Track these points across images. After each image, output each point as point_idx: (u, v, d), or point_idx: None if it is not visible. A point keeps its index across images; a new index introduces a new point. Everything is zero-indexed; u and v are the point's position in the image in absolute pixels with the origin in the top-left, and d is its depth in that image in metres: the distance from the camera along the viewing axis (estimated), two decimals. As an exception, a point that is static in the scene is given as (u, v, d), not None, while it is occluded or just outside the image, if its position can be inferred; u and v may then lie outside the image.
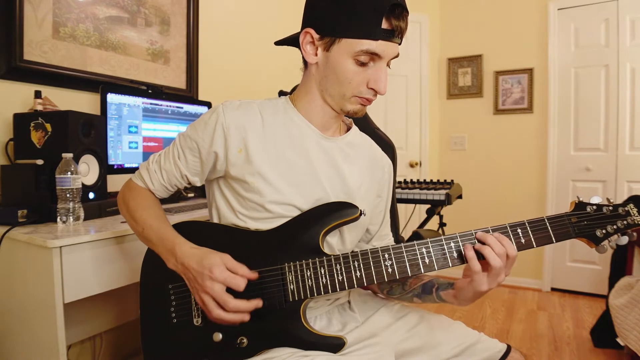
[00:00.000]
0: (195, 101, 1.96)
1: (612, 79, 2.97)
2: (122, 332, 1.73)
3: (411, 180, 2.44)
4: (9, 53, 1.38)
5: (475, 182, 3.43)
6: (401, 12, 0.76)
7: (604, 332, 2.18)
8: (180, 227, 0.88)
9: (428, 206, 2.24)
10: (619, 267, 2.17)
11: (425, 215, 2.31)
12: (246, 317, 0.77)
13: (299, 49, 0.85)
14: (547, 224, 0.77)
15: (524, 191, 3.31)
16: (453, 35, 3.53)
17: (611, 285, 2.13)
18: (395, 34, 0.77)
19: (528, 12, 3.23)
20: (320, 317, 0.91)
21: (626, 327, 1.82)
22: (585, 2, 3.03)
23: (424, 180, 2.50)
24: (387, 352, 0.85)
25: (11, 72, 1.40)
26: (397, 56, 0.81)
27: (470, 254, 0.74)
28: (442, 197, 2.09)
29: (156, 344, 0.89)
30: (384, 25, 0.76)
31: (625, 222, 0.76)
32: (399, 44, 0.80)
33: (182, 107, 1.82)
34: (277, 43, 0.93)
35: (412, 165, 3.54)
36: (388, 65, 0.82)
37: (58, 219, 1.15)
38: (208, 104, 1.95)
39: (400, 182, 2.41)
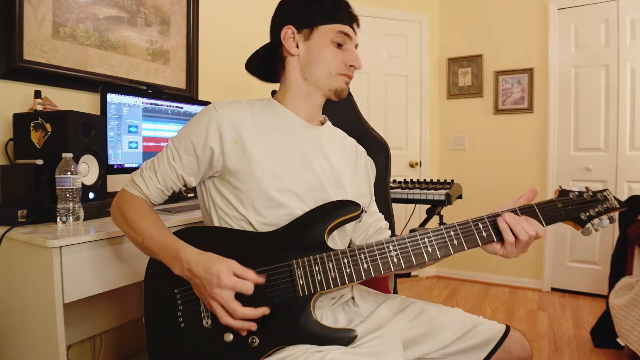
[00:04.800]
0: (195, 101, 1.95)
1: (612, 79, 2.97)
2: (122, 332, 1.73)
3: (411, 180, 2.44)
4: (9, 53, 1.38)
5: (476, 182, 3.43)
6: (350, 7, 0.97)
7: (604, 332, 2.18)
8: (185, 234, 0.87)
9: (428, 206, 2.24)
10: (619, 267, 2.17)
11: (425, 215, 2.31)
12: (253, 327, 0.79)
13: (266, 71, 1.02)
14: (537, 209, 0.86)
15: (524, 191, 3.30)
16: (453, 35, 3.53)
17: (611, 285, 2.13)
18: (354, 20, 0.96)
19: (528, 12, 3.23)
20: (325, 316, 0.93)
21: (626, 327, 1.82)
22: (585, 2, 3.02)
23: (424, 180, 2.50)
24: (395, 341, 0.87)
25: (11, 72, 1.40)
26: (357, 45, 0.98)
27: (503, 226, 0.82)
28: (442, 197, 2.09)
29: (165, 351, 0.86)
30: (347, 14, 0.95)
31: (604, 206, 0.86)
32: (355, 33, 0.98)
33: (182, 107, 1.81)
34: (249, 68, 1.04)
35: (412, 165, 3.53)
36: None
37: (58, 219, 1.15)
38: (208, 104, 1.94)
39: (400, 182, 2.41)
